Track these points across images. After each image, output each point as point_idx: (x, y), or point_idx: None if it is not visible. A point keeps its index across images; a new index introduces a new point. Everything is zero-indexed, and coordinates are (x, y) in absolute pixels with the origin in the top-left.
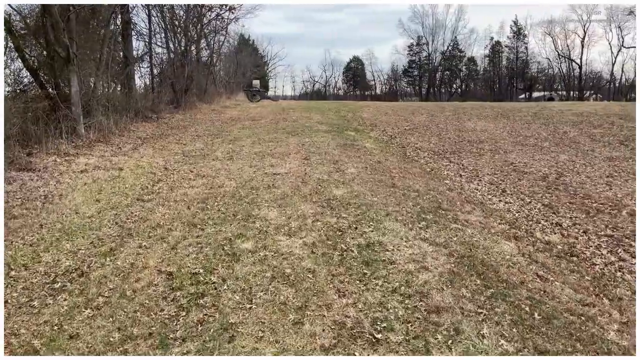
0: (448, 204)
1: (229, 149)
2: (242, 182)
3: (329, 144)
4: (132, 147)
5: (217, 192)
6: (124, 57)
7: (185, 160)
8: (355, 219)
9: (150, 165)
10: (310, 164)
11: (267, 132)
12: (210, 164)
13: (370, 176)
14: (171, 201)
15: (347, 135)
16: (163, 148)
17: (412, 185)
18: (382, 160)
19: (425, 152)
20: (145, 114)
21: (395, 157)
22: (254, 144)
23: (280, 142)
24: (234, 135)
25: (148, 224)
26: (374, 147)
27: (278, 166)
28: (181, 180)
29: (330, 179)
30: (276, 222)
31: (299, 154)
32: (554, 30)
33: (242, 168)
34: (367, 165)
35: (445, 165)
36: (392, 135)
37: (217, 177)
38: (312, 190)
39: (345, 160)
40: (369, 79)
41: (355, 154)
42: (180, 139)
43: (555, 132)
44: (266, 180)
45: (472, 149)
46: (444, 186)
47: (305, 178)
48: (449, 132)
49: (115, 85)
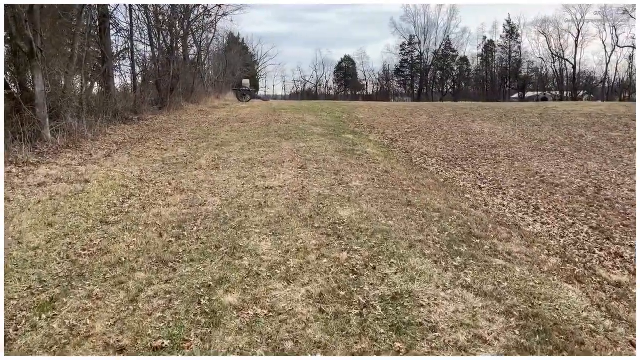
0: (479, 229)
1: (214, 155)
2: (228, 198)
3: (327, 149)
4: (105, 154)
5: (197, 212)
6: (102, 54)
7: (165, 169)
8: (371, 254)
9: (123, 175)
10: (308, 175)
11: (257, 136)
12: (193, 175)
13: (380, 190)
14: (141, 225)
15: (345, 139)
16: (141, 154)
17: (430, 202)
18: (389, 169)
19: (432, 158)
20: (125, 115)
21: (402, 166)
22: (243, 150)
23: (273, 148)
24: (221, 139)
25: (107, 259)
26: (376, 153)
27: (271, 177)
28: (157, 196)
29: (332, 194)
30: (270, 258)
31: (294, 162)
32: (548, 30)
33: (229, 180)
34: (374, 176)
35: (459, 175)
36: (394, 139)
37: (199, 192)
38: (313, 210)
39: (347, 170)
40: (360, 78)
41: (357, 162)
42: (162, 144)
43: (570, 136)
44: (257, 196)
45: (486, 155)
46: (465, 202)
47: (304, 193)
48: (455, 136)
49: (92, 85)
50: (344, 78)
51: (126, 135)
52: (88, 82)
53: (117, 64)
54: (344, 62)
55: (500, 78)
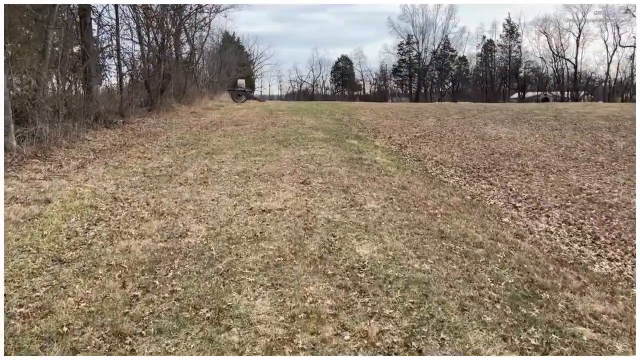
0: (540, 273)
1: (204, 166)
2: (216, 226)
3: (331, 158)
4: (79, 165)
5: (176, 247)
6: (82, 51)
7: (145, 183)
8: (411, 323)
9: (94, 193)
10: (313, 192)
11: (253, 141)
12: (176, 191)
13: (402, 215)
14: (102, 266)
15: (349, 145)
16: (120, 165)
17: (466, 231)
18: (406, 184)
19: (450, 168)
20: (108, 118)
21: (419, 178)
22: (236, 159)
23: (270, 156)
24: (213, 146)
25: (45, 325)
26: (387, 163)
27: (268, 196)
28: (130, 221)
29: (345, 220)
30: (269, 330)
31: (295, 175)
32: (549, 29)
33: (219, 199)
34: (390, 193)
35: (487, 190)
36: (402, 144)
37: (181, 216)
38: (323, 245)
39: (358, 186)
40: (357, 78)
41: (368, 175)
42: (146, 151)
43: (598, 142)
44: (252, 222)
45: (512, 165)
46: (506, 229)
47: (309, 219)
48: (470, 141)
49: (70, 85)
50: (341, 78)
51: (107, 141)
52: (66, 82)
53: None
54: (341, 61)
55: (500, 78)
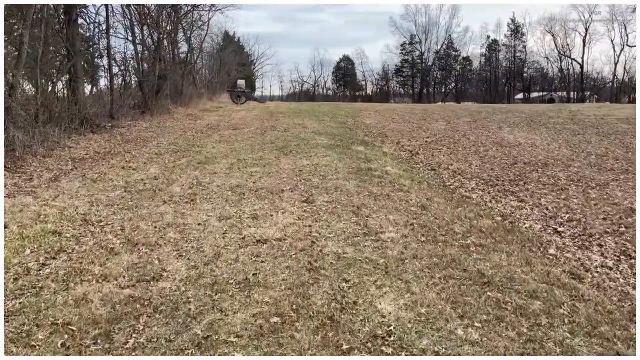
0: (621, 339)
1: (193, 178)
2: (198, 263)
3: (337, 168)
4: (52, 177)
5: (145, 296)
6: (66, 50)
7: (124, 201)
8: None
9: (62, 214)
10: (318, 215)
11: (250, 148)
12: (158, 213)
13: (428, 248)
14: (45, 327)
15: (355, 152)
16: (99, 177)
17: (510, 271)
18: (424, 201)
19: (470, 179)
20: (95, 122)
21: (438, 194)
22: (230, 170)
23: (269, 166)
24: (206, 154)
25: None
26: (399, 174)
27: (265, 219)
28: (96, 255)
29: (359, 257)
30: None
31: (297, 191)
32: (554, 29)
33: (206, 223)
34: (409, 215)
35: (518, 209)
36: (413, 151)
37: (157, 248)
38: (333, 297)
39: (370, 206)
40: (359, 78)
41: (380, 190)
42: (132, 160)
43: (630, 149)
44: (243, 259)
45: (541, 177)
46: (557, 266)
47: (314, 254)
48: (487, 148)
49: (53, 87)
50: (342, 78)
51: (91, 148)
52: (48, 84)
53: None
54: (343, 62)
55: (504, 78)
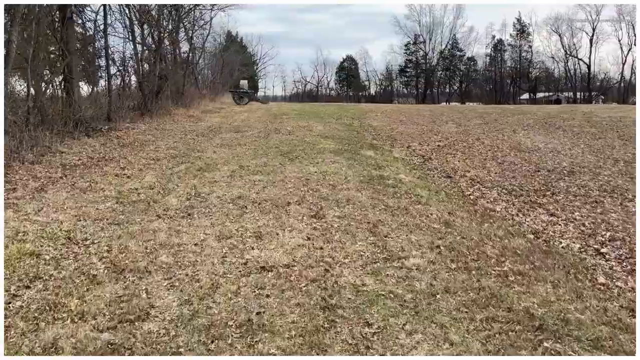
0: None
1: (192, 188)
2: (193, 297)
3: (347, 176)
4: (38, 187)
5: (126, 343)
6: (60, 50)
7: (114, 215)
8: None
9: (44, 231)
10: (330, 234)
11: (253, 154)
12: (151, 230)
13: (461, 279)
14: None
15: (365, 157)
16: (90, 186)
17: (562, 309)
18: (446, 216)
19: (491, 189)
20: (91, 125)
21: (459, 207)
22: (232, 178)
23: (273, 174)
24: (207, 159)
25: None
26: (415, 183)
27: (270, 238)
28: (75, 285)
29: (381, 290)
30: None
31: (305, 204)
32: (561, 28)
33: (204, 244)
34: (433, 234)
35: (550, 224)
36: (425, 156)
37: (147, 276)
38: (355, 348)
39: (388, 222)
40: (362, 79)
41: (397, 202)
42: (127, 166)
43: None
44: (245, 292)
45: (570, 187)
46: (613, 300)
47: (328, 287)
48: (505, 153)
49: (46, 87)
50: (346, 79)
51: (84, 153)
52: (41, 85)
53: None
54: (346, 62)
55: (509, 78)
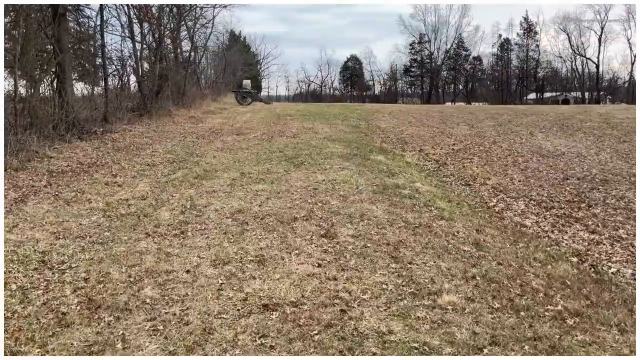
0: None
1: (187, 199)
2: (178, 349)
3: (358, 185)
4: (17, 198)
5: None
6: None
7: (99, 232)
8: None
9: (15, 252)
10: (344, 260)
11: (255, 159)
12: (137, 251)
13: (509, 323)
14: None
15: (376, 163)
16: (76, 197)
17: None
18: (475, 235)
19: (516, 199)
20: (85, 127)
21: (486, 222)
22: (232, 187)
23: (277, 183)
24: (206, 165)
25: None
26: (432, 192)
27: (274, 265)
28: (39, 326)
29: (414, 341)
30: None
31: (313, 220)
32: (569, 27)
33: (196, 272)
34: (465, 261)
35: (594, 243)
36: (440, 161)
37: (126, 317)
38: None
39: (410, 244)
40: (367, 78)
41: (417, 218)
42: (119, 173)
43: None
44: (243, 340)
45: (608, 199)
46: None
47: (347, 334)
48: (526, 158)
49: (37, 88)
50: (350, 78)
51: (75, 158)
52: (32, 83)
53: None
54: (350, 61)
55: (516, 78)
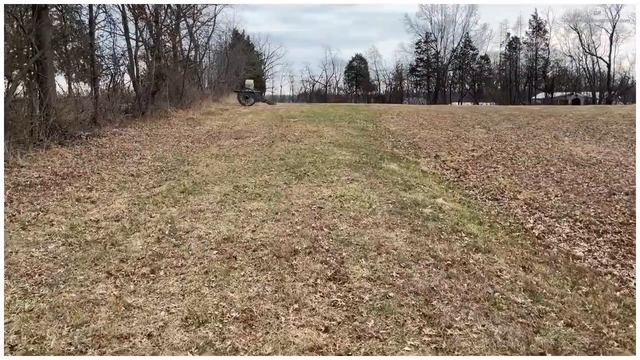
0: None
1: (167, 221)
2: None
3: (371, 203)
4: None
5: None
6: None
7: (49, 271)
8: None
9: None
10: (360, 321)
11: (253, 168)
12: (90, 300)
13: None
14: None
15: (389, 173)
16: (36, 219)
17: None
18: (523, 276)
19: (559, 220)
20: (68, 131)
21: (530, 253)
22: (222, 207)
23: (276, 200)
24: (196, 176)
25: None
26: (460, 212)
27: (263, 330)
28: None
29: None
30: None
31: (319, 254)
32: (580, 26)
33: (160, 340)
34: (522, 324)
35: None
36: (459, 170)
37: None
38: None
39: (446, 293)
40: (372, 78)
41: (446, 249)
42: (96, 186)
43: None
44: None
45: None
46: None
47: None
48: (559, 167)
49: (12, 87)
50: (355, 78)
51: (50, 167)
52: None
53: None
54: (355, 61)
55: (525, 77)
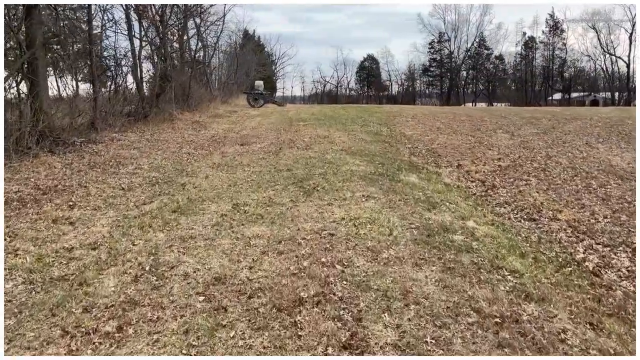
0: None
1: (151, 250)
2: None
3: (392, 229)
4: None
5: None
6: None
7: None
8: None
9: None
10: None
11: (257, 181)
12: None
13: None
14: None
15: (409, 186)
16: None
17: None
18: (595, 339)
19: (614, 250)
20: (60, 137)
21: (595, 304)
22: (217, 232)
23: (280, 223)
24: (192, 191)
25: None
26: (497, 240)
27: None
28: None
29: None
30: None
31: (330, 305)
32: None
33: None
34: None
35: None
36: (486, 182)
37: None
38: None
39: None
40: (384, 78)
41: (488, 296)
42: (79, 203)
43: None
44: None
45: None
46: None
47: None
48: (601, 181)
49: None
50: (366, 78)
51: (33, 179)
52: None
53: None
54: (367, 61)
55: (541, 78)
